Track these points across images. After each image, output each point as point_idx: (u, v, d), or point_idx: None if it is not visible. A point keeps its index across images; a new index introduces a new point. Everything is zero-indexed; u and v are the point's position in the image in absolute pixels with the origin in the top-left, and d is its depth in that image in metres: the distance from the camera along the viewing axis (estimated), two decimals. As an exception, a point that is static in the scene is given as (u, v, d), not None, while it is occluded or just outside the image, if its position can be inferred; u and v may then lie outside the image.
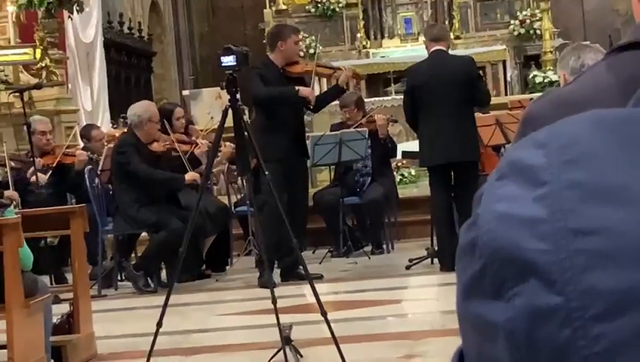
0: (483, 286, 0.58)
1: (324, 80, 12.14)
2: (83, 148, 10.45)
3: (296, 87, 8.40)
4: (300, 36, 9.35)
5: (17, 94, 9.94)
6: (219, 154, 8.99)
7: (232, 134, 8.46)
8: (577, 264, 0.55)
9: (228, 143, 8.52)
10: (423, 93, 8.25)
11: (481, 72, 10.66)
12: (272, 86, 8.32)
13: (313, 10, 18.14)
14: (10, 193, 8.29)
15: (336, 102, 9.87)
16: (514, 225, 0.57)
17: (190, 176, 8.74)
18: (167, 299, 5.48)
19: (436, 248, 8.65)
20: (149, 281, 8.67)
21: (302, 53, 12.92)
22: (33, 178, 9.15)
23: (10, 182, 8.59)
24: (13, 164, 9.04)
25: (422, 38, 17.50)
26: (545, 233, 0.56)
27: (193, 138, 9.38)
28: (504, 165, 0.60)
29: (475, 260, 0.58)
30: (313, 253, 9.92)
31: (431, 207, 8.71)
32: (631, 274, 0.54)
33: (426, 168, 8.95)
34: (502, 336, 0.57)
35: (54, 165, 9.53)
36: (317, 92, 9.49)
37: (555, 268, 0.55)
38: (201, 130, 9.85)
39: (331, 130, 10.06)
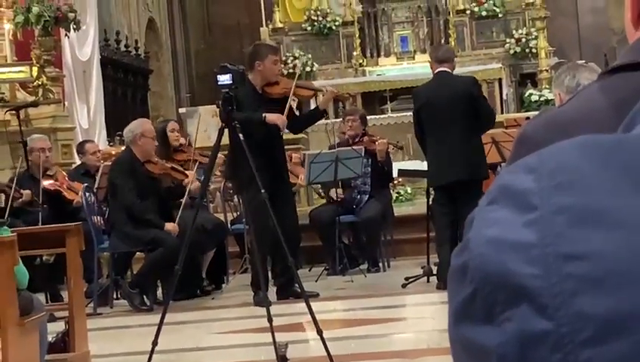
0: (474, 310, 0.58)
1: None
2: (80, 165, 10.45)
3: (264, 114, 8.16)
4: (280, 55, 9.12)
5: (14, 112, 9.94)
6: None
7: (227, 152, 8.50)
8: (567, 289, 0.55)
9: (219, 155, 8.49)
10: (427, 113, 8.31)
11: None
12: (245, 107, 7.89)
13: (310, 28, 18.17)
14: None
15: (335, 120, 9.81)
16: (504, 250, 0.57)
17: (170, 226, 8.69)
18: (162, 317, 5.47)
19: (432, 266, 8.65)
20: (145, 299, 8.65)
21: (298, 72, 12.84)
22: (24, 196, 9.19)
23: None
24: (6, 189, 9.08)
25: (418, 57, 17.67)
26: (535, 258, 0.56)
27: (187, 157, 9.39)
28: (495, 189, 0.60)
29: (466, 284, 0.59)
30: (309, 270, 9.91)
31: (434, 224, 8.70)
32: (619, 299, 0.54)
33: (421, 185, 8.94)
34: (494, 360, 0.57)
35: (53, 190, 9.51)
36: (297, 112, 9.27)
37: (545, 293, 0.55)
38: (196, 149, 9.83)
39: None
